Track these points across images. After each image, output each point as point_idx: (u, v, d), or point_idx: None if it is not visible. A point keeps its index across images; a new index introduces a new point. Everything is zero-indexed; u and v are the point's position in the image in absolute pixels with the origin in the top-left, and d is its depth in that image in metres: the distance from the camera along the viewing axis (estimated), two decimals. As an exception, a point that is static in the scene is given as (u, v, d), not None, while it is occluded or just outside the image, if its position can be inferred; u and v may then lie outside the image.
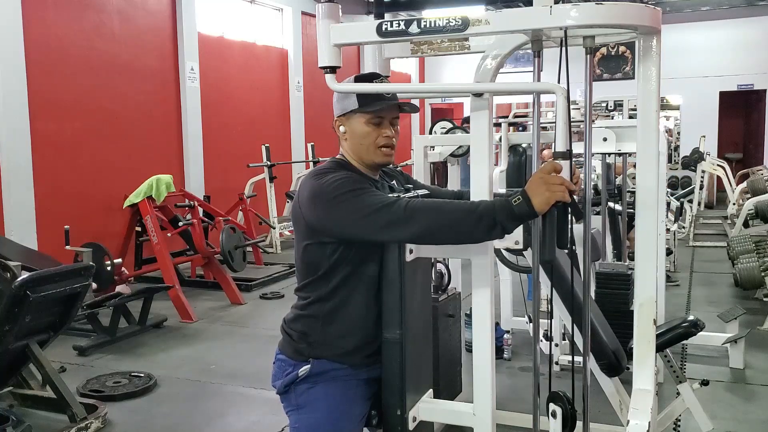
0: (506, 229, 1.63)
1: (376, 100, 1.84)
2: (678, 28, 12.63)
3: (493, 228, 1.62)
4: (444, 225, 1.65)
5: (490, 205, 1.64)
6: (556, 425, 1.74)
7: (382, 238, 1.75)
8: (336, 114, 1.91)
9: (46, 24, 6.37)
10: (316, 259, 1.84)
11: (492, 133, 1.85)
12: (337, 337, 1.87)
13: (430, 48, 2.07)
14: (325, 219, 1.76)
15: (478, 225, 1.62)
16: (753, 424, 3.43)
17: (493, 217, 1.60)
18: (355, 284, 1.86)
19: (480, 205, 1.65)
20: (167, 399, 3.96)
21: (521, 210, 1.59)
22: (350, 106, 1.86)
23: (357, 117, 1.86)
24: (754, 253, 5.70)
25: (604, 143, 3.10)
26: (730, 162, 11.50)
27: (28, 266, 4.06)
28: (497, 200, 1.66)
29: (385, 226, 1.67)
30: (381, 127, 1.87)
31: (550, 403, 1.75)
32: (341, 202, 1.71)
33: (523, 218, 1.63)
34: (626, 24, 1.52)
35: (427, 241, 1.76)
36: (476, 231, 1.64)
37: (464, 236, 1.68)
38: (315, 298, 1.88)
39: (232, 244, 6.14)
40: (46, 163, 6.29)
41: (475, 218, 1.62)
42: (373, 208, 1.68)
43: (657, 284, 1.80)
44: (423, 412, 1.97)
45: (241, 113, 9.27)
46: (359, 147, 1.88)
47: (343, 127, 1.90)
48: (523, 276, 4.43)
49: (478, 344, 1.87)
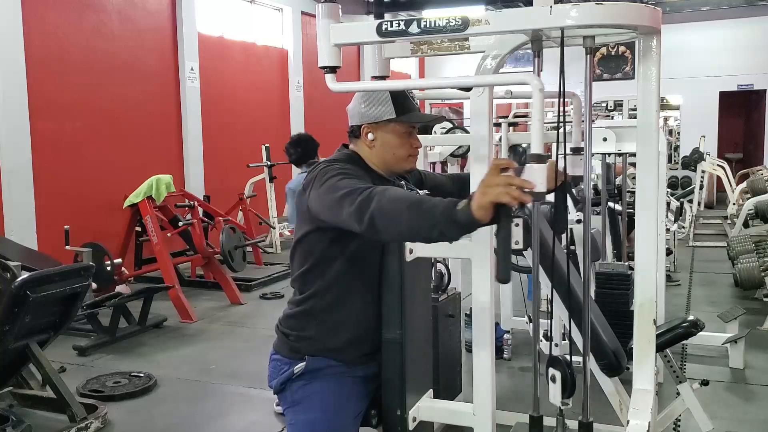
0: (445, 234, 1.45)
1: (412, 111, 1.85)
2: (678, 28, 12.63)
3: (430, 229, 1.44)
4: (390, 214, 1.50)
5: (435, 203, 1.45)
6: (555, 390, 1.72)
7: (351, 224, 1.60)
8: (364, 121, 1.88)
9: (46, 24, 6.37)
10: (315, 247, 1.84)
11: (492, 133, 1.85)
12: (330, 332, 1.88)
13: (430, 48, 2.07)
14: (314, 199, 1.75)
15: (419, 221, 1.45)
16: (753, 424, 3.43)
17: (434, 218, 1.43)
18: (353, 282, 1.86)
19: (428, 201, 1.47)
20: (167, 399, 3.96)
21: (463, 216, 1.37)
22: (385, 114, 1.84)
23: (392, 126, 1.86)
24: (754, 253, 5.70)
25: (604, 143, 3.09)
26: (730, 162, 11.50)
27: (28, 266, 4.06)
28: (447, 200, 1.45)
29: (351, 210, 1.57)
30: (411, 137, 1.89)
31: (550, 368, 1.74)
32: (327, 182, 1.69)
33: (465, 226, 1.41)
34: (626, 24, 1.52)
35: (380, 232, 1.54)
36: (419, 228, 1.47)
37: (409, 232, 1.52)
38: (310, 293, 1.88)
39: (232, 244, 6.14)
40: (46, 163, 6.29)
41: (418, 213, 1.46)
42: (343, 191, 1.61)
43: (657, 284, 1.80)
44: (423, 412, 1.97)
45: (241, 113, 9.27)
46: (391, 156, 1.88)
47: (372, 134, 1.88)
48: (523, 276, 4.43)
49: (478, 344, 1.87)
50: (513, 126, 5.00)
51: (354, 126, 1.91)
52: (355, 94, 1.96)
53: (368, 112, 1.87)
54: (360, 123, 1.89)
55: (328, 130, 7.22)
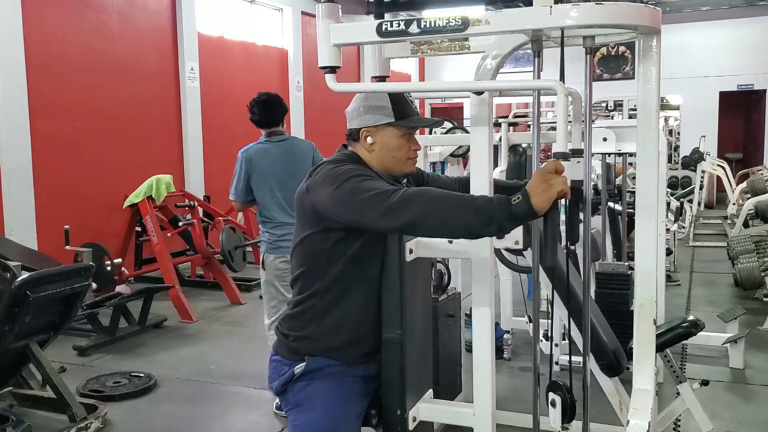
0: (503, 227, 1.57)
1: (410, 115, 1.87)
2: (678, 28, 12.63)
3: (488, 225, 1.55)
4: (437, 214, 1.59)
5: (488, 200, 1.57)
6: (555, 414, 1.73)
7: (378, 224, 1.67)
8: (363, 124, 1.89)
9: (46, 24, 6.37)
10: (317, 248, 1.84)
11: (492, 133, 1.85)
12: (330, 332, 1.88)
13: (430, 48, 2.07)
14: (330, 200, 1.75)
15: (473, 219, 1.56)
16: (753, 424, 3.43)
17: (490, 214, 1.54)
18: (354, 282, 1.86)
19: (478, 199, 1.59)
20: (167, 399, 3.96)
21: (520, 209, 1.52)
22: (384, 118, 1.86)
23: (391, 130, 1.87)
24: (754, 253, 5.70)
25: (604, 143, 3.09)
26: (730, 162, 11.50)
27: (28, 266, 4.06)
28: (496, 197, 1.59)
29: (381, 211, 1.63)
30: (410, 141, 1.91)
31: (550, 392, 1.74)
32: (345, 183, 1.71)
33: (522, 218, 1.55)
34: (626, 24, 1.52)
35: (421, 230, 1.67)
36: (472, 225, 1.57)
37: (459, 229, 1.62)
38: (310, 293, 1.88)
39: (232, 244, 6.13)
40: (46, 163, 6.29)
41: (470, 211, 1.56)
42: (371, 192, 1.66)
43: (657, 284, 1.80)
44: (423, 412, 1.97)
45: (241, 113, 9.20)
46: (390, 159, 1.90)
47: (371, 138, 1.89)
48: (523, 276, 4.43)
49: (478, 344, 1.88)
50: (513, 126, 4.99)
51: (353, 129, 1.92)
52: (354, 96, 1.96)
53: (367, 115, 1.87)
54: (359, 126, 1.90)
55: (328, 130, 7.22)
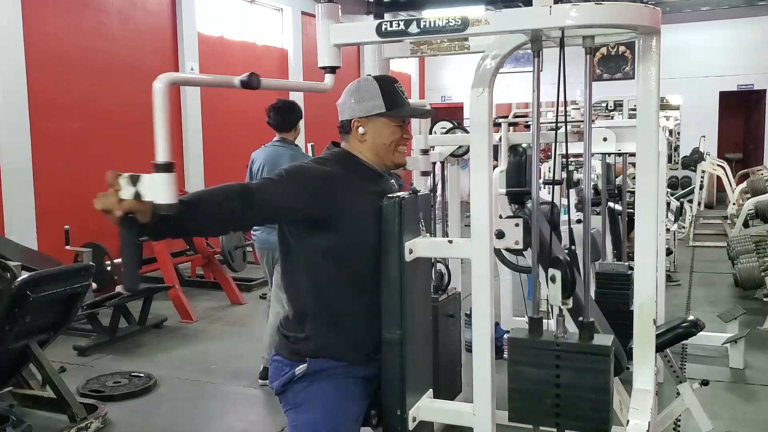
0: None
1: (401, 105, 1.88)
2: (678, 28, 12.63)
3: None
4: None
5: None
6: (555, 290, 1.71)
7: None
8: (355, 115, 1.88)
9: (46, 24, 6.37)
10: (290, 246, 1.88)
11: (492, 133, 1.85)
12: (329, 333, 1.87)
13: (429, 48, 2.08)
14: None
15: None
16: (753, 424, 3.43)
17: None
18: (345, 282, 1.85)
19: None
20: (167, 399, 3.96)
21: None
22: (376, 109, 1.86)
23: (382, 120, 1.87)
24: (754, 253, 5.70)
25: (604, 143, 3.10)
26: (730, 162, 11.49)
27: (28, 266, 4.06)
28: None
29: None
30: (402, 130, 1.92)
31: (550, 268, 1.72)
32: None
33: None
34: (626, 24, 1.52)
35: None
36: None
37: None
38: (302, 293, 1.89)
39: (232, 244, 6.14)
40: (46, 163, 6.28)
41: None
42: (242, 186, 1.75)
43: (657, 284, 1.80)
44: (423, 412, 1.97)
45: (241, 113, 9.26)
46: (381, 148, 1.90)
47: (363, 128, 1.89)
48: (523, 276, 4.43)
49: (478, 344, 1.87)
50: (513, 126, 4.98)
51: (344, 120, 1.92)
52: (344, 89, 1.96)
53: (358, 106, 1.88)
54: (350, 117, 1.90)
55: (329, 131, 7.19)
